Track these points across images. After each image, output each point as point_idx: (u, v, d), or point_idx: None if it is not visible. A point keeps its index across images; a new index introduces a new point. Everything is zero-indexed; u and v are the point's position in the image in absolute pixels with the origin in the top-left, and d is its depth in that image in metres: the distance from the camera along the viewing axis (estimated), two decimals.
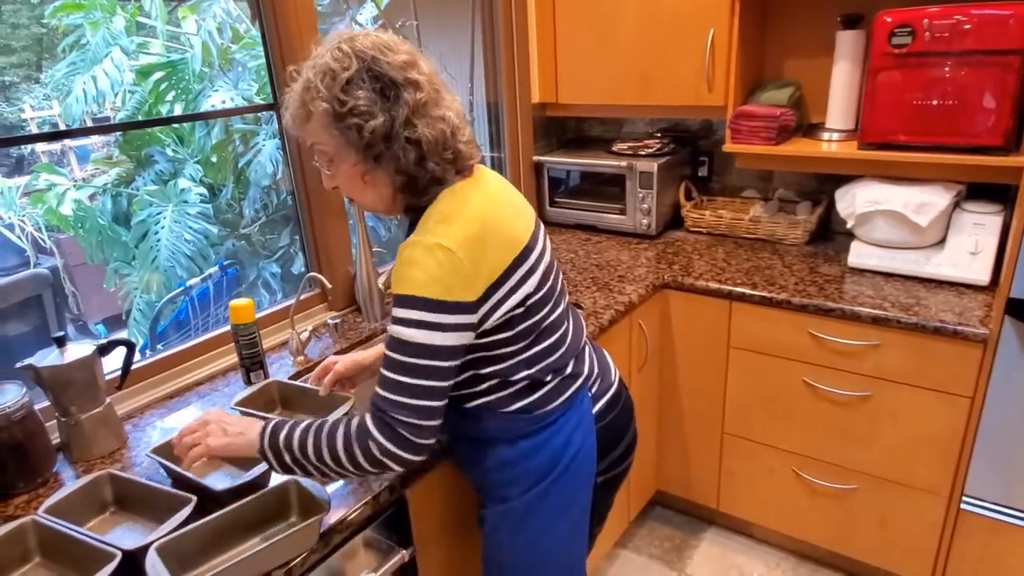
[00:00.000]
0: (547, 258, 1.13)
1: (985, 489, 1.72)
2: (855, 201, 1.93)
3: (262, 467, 1.12)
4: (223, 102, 3.61)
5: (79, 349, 1.29)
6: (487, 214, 1.03)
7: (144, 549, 0.96)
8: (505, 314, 1.03)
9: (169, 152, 3.78)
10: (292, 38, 1.65)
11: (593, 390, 1.19)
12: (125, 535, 1.11)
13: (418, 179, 1.03)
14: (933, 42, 1.71)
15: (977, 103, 1.69)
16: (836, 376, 1.84)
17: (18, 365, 1.26)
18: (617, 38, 2.22)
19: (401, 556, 1.17)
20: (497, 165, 2.53)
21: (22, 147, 4.86)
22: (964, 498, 1.75)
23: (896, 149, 1.84)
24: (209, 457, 1.08)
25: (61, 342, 1.28)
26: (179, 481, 1.16)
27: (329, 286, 1.73)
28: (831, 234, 2.29)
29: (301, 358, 1.65)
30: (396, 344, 0.98)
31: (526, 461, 1.12)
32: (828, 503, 1.99)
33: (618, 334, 1.88)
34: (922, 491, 1.82)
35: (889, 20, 1.75)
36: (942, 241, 1.89)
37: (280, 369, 1.61)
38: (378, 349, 1.34)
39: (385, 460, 0.99)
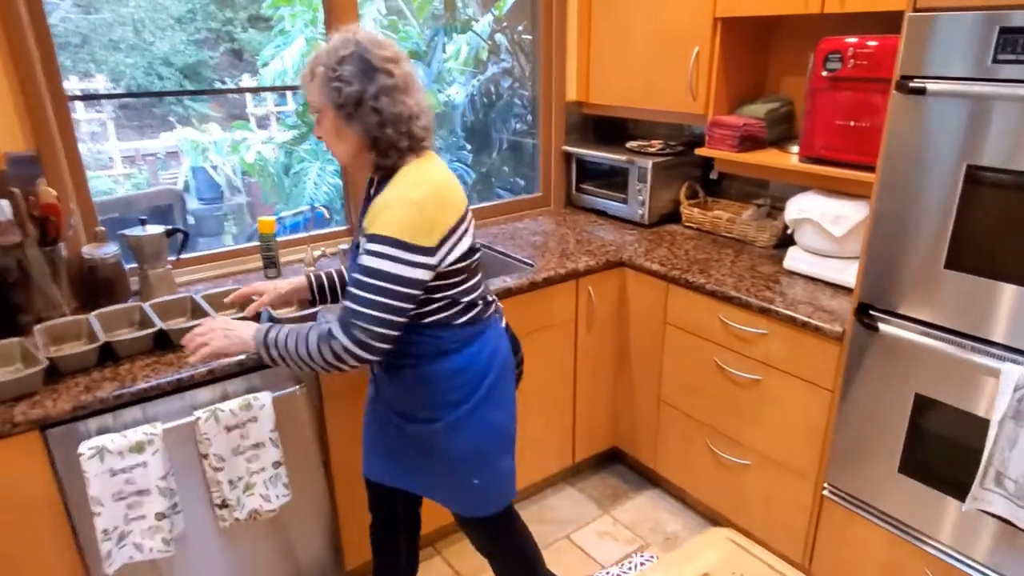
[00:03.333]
0: (472, 222, 1.53)
1: (842, 480, 1.87)
2: (789, 209, 2.12)
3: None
4: None
5: (154, 229, 2.01)
6: (443, 183, 1.40)
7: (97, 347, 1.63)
8: (457, 258, 1.45)
9: None
10: None
11: (498, 314, 1.63)
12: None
13: (380, 140, 1.36)
14: (855, 69, 1.88)
15: (880, 126, 1.83)
16: (737, 359, 2.07)
17: (118, 233, 2.01)
18: (633, 47, 2.56)
19: (293, 391, 1.72)
20: (533, 150, 2.98)
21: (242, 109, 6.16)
22: (826, 486, 1.92)
23: (826, 164, 2.01)
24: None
25: (144, 223, 2.01)
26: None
27: (327, 214, 2.35)
28: None
29: (311, 269, 2.27)
30: (367, 271, 1.30)
31: (473, 365, 1.49)
32: (729, 475, 2.21)
33: (559, 293, 2.27)
34: (796, 474, 2.00)
35: (825, 46, 1.94)
36: None
37: (294, 273, 2.25)
38: (297, 280, 1.70)
39: (343, 356, 1.33)
